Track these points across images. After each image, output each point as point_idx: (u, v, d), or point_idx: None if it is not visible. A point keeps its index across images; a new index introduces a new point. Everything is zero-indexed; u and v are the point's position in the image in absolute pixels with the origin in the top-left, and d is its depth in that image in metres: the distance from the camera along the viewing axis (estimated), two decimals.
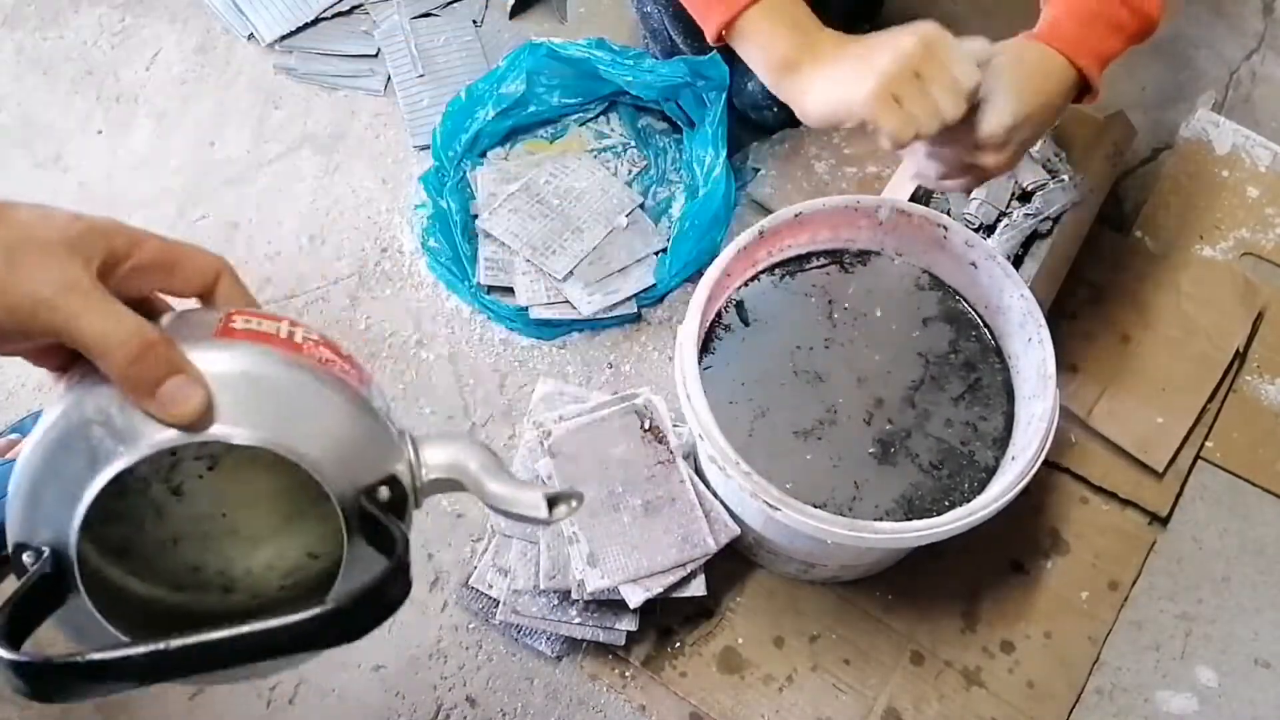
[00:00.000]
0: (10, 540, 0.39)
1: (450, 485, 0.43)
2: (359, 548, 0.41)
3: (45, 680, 0.35)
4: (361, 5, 1.43)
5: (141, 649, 0.35)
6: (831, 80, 0.77)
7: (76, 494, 0.38)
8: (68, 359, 0.42)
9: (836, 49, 0.78)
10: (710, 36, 0.80)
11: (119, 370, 0.38)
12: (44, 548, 0.39)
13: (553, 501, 0.43)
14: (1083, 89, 0.83)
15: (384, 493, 0.41)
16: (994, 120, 0.77)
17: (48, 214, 0.39)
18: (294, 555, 0.47)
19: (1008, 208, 1.15)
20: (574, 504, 0.43)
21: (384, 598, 0.37)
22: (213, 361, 0.39)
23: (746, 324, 0.96)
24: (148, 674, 0.36)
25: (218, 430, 0.39)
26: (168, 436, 0.38)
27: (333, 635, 0.37)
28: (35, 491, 0.39)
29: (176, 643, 0.35)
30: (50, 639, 0.39)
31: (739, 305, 0.97)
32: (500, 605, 0.99)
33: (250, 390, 0.40)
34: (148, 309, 0.43)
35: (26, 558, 0.39)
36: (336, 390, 0.41)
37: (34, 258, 0.37)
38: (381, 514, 0.40)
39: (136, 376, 0.38)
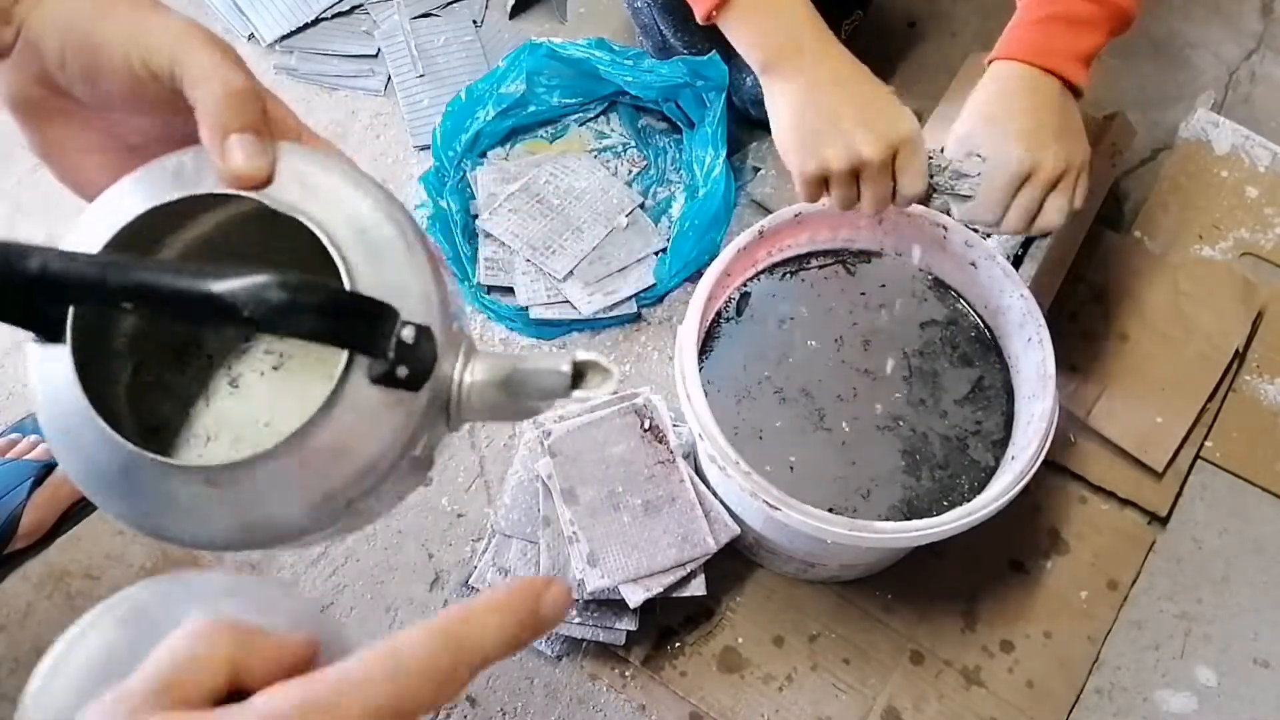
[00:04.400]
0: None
1: (493, 393, 0.38)
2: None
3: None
4: (361, 5, 1.43)
5: (99, 260, 0.32)
6: (788, 120, 0.79)
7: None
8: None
9: (812, 74, 0.78)
10: (700, 15, 0.81)
11: (209, 102, 0.37)
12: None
13: (579, 372, 0.38)
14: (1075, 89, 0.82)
15: (408, 333, 0.36)
16: (1007, 170, 0.79)
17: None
18: None
19: None
20: (602, 379, 0.38)
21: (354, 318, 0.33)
22: (307, 161, 0.38)
23: (747, 324, 0.96)
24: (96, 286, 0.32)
25: (264, 196, 0.36)
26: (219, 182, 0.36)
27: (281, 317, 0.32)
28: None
29: (137, 269, 0.32)
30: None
31: (739, 305, 0.97)
32: None
33: (323, 193, 0.37)
34: None
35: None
36: (420, 246, 0.38)
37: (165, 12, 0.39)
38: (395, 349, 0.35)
39: (221, 114, 0.37)
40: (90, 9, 0.38)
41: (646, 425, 1.00)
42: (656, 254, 1.23)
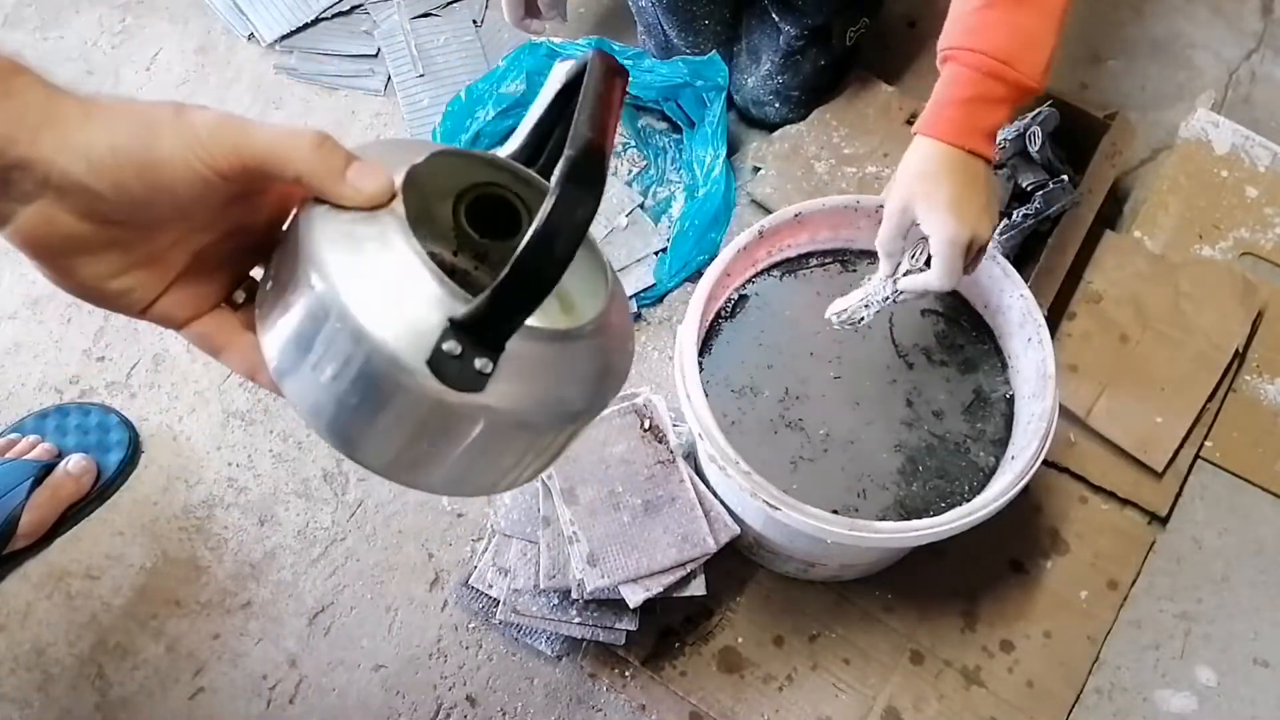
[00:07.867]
0: None
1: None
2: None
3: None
4: (361, 5, 1.43)
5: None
6: None
7: None
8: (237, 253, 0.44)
9: None
10: None
11: (306, 162, 0.39)
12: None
13: None
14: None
15: None
16: (943, 246, 0.81)
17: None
18: None
19: (1008, 208, 1.15)
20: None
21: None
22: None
23: (747, 324, 0.96)
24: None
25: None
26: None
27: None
28: None
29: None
30: None
31: (739, 305, 0.97)
32: (500, 605, 0.99)
33: None
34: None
35: None
36: None
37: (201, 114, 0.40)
38: None
39: (324, 163, 0.39)
40: (131, 131, 0.38)
41: (646, 425, 1.00)
42: (656, 254, 1.23)
